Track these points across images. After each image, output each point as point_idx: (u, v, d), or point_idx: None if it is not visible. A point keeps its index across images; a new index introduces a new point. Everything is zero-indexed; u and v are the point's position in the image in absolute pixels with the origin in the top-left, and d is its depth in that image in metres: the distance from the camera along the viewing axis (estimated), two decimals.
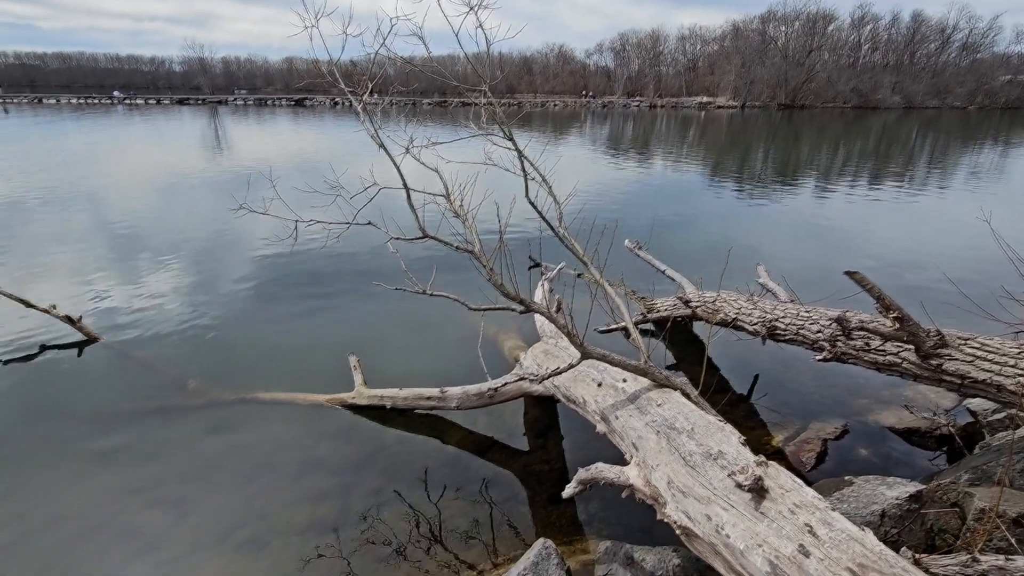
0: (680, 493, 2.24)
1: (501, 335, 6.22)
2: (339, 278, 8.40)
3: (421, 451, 4.53)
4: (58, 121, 41.63)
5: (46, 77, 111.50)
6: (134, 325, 6.61)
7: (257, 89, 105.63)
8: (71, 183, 16.03)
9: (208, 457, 4.41)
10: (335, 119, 49.94)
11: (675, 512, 2.21)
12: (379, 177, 4.06)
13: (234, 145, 28.29)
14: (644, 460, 2.55)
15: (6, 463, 4.26)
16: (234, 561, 3.45)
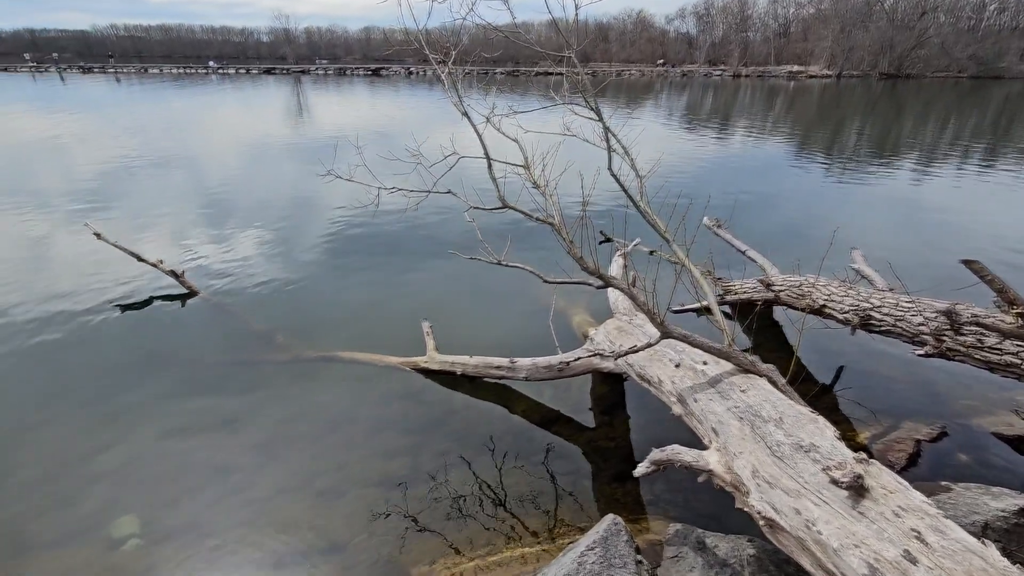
0: (766, 484, 2.15)
1: (569, 309, 6.19)
2: (415, 245, 8.62)
3: (487, 418, 4.63)
4: (161, 90, 44.91)
5: (151, 48, 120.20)
6: (227, 281, 7.12)
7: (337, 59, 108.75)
8: (171, 148, 17.35)
9: (292, 408, 4.72)
10: (409, 88, 50.67)
11: (759, 503, 2.13)
12: (458, 146, 4.08)
13: (315, 114, 29.41)
14: (725, 446, 2.46)
15: (119, 400, 4.75)
16: (315, 507, 3.69)
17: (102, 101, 35.68)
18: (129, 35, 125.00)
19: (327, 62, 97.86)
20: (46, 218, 9.98)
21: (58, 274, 7.39)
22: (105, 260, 7.47)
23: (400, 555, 3.29)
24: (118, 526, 3.46)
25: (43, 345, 5.59)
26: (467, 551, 3.29)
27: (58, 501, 3.66)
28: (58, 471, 3.92)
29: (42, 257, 8.12)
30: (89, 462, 4.02)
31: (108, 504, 3.64)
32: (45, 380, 5.04)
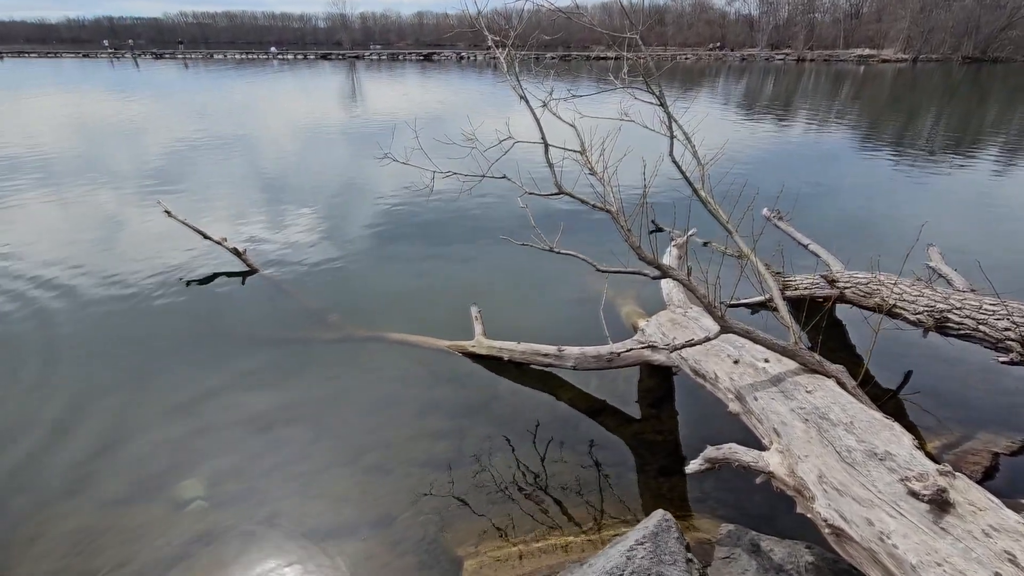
0: (834, 490, 2.04)
1: (618, 299, 6.08)
2: (465, 230, 8.67)
3: (532, 405, 4.62)
4: (224, 75, 46.77)
5: (217, 34, 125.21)
6: (283, 261, 7.38)
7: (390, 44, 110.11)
8: (232, 131, 18.07)
9: (342, 386, 4.86)
10: (460, 73, 50.76)
11: (826, 510, 2.02)
12: (513, 131, 4.04)
13: (368, 98, 29.93)
14: (788, 448, 2.34)
15: (184, 370, 5.02)
16: (362, 482, 3.80)
17: (171, 85, 37.53)
18: (197, 22, 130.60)
19: (380, 47, 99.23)
20: (119, 195, 10.64)
21: (130, 248, 7.86)
22: (173, 236, 7.88)
23: (445, 534, 3.34)
24: (184, 488, 3.66)
25: (115, 314, 5.97)
26: (511, 535, 3.31)
27: (131, 461, 3.91)
28: (130, 433, 4.18)
29: (115, 232, 8.65)
30: (158, 426, 4.27)
31: (175, 467, 3.86)
32: (117, 348, 5.38)
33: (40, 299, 6.24)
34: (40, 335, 5.54)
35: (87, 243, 8.05)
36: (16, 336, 5.53)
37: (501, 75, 3.85)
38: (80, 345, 5.41)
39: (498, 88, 35.21)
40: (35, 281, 6.65)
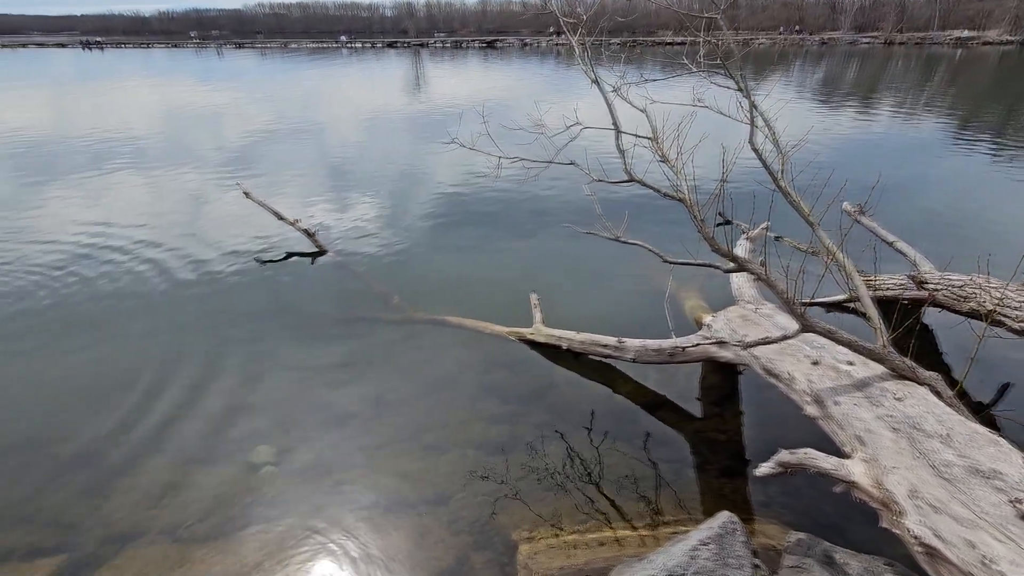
0: (928, 507, 1.88)
1: (681, 292, 5.89)
2: (527, 217, 8.66)
3: (589, 395, 4.57)
4: (297, 63, 48.76)
5: (292, 24, 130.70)
6: (348, 243, 7.64)
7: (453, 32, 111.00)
8: (303, 118, 18.84)
9: (403, 366, 4.99)
10: (522, 60, 50.50)
11: (919, 527, 1.87)
12: (581, 117, 3.96)
13: (431, 86, 30.34)
14: (875, 458, 2.19)
15: (258, 342, 5.30)
16: (421, 459, 3.89)
17: (249, 74, 39.55)
18: (273, 12, 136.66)
19: (444, 35, 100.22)
20: (201, 177, 11.34)
21: (210, 226, 8.38)
22: (249, 216, 8.33)
23: (499, 517, 3.37)
24: (257, 453, 3.89)
25: (197, 287, 6.39)
26: (565, 525, 3.30)
27: (210, 425, 4.18)
28: (210, 398, 4.47)
29: (197, 210, 9.24)
30: (233, 394, 4.54)
31: (249, 433, 4.10)
32: (199, 319, 5.75)
33: (133, 269, 6.76)
34: (133, 302, 6.01)
35: (173, 220, 8.65)
36: (110, 303, 6.02)
37: (564, 62, 3.80)
38: (166, 314, 5.82)
39: (561, 75, 34.79)
40: (128, 253, 7.21)
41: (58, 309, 5.89)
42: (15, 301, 6.01)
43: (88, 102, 24.40)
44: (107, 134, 16.11)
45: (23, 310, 5.85)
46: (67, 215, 8.84)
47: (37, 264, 6.88)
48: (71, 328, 5.53)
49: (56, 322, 5.63)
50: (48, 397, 4.54)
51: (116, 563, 3.07)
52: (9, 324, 5.59)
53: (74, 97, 26.37)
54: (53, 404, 4.44)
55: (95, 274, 6.65)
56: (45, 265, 6.85)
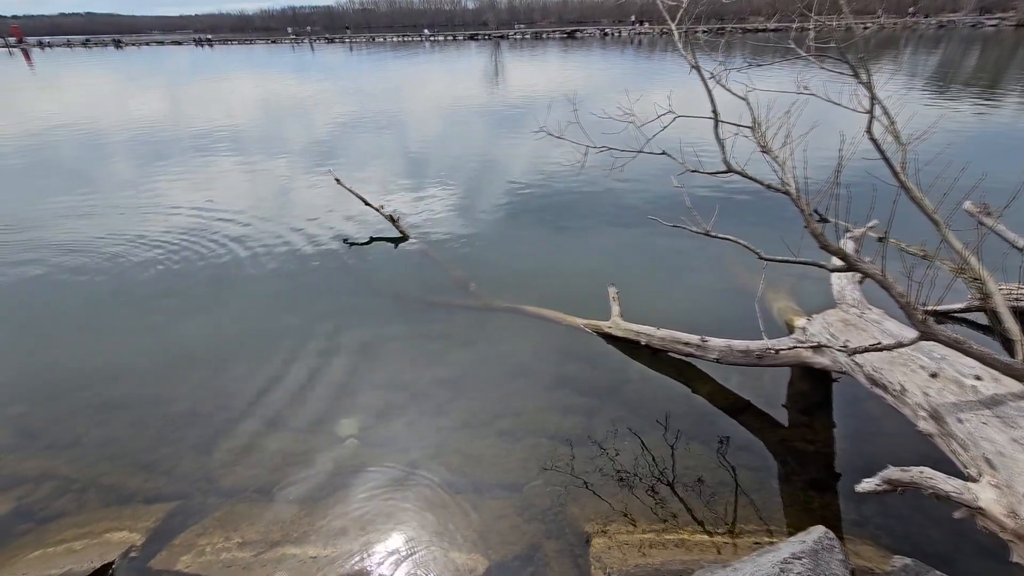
0: None
1: (770, 292, 5.57)
2: (610, 208, 8.53)
3: (666, 394, 4.44)
4: (382, 56, 50.62)
5: (378, 19, 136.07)
6: (428, 229, 7.85)
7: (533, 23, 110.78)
8: (386, 109, 19.55)
9: (479, 352, 5.07)
10: (601, 50, 49.54)
11: None
12: (672, 106, 3.81)
13: (509, 77, 30.48)
14: (1008, 484, 1.96)
15: (344, 320, 5.58)
16: (495, 445, 3.95)
17: (337, 67, 41.57)
18: (362, 8, 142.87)
19: (524, 26, 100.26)
20: (292, 163, 12.11)
21: (300, 209, 8.91)
22: (336, 201, 8.79)
23: (572, 508, 3.36)
24: (342, 426, 4.11)
25: (289, 266, 6.82)
26: (640, 522, 3.23)
27: (300, 395, 4.47)
28: (299, 370, 4.77)
29: (289, 194, 9.86)
30: (321, 367, 4.82)
31: (335, 406, 4.34)
32: (290, 295, 6.15)
33: (233, 248, 7.33)
34: (233, 278, 6.53)
35: (268, 203, 9.29)
36: (215, 278, 6.56)
37: (646, 52, 3.65)
38: (262, 290, 6.27)
39: (642, 65, 33.82)
40: (230, 233, 7.82)
41: (171, 282, 6.50)
42: (137, 273, 6.70)
43: (197, 95, 26.67)
44: (212, 124, 17.56)
45: (142, 282, 6.51)
46: (178, 197, 9.73)
47: (153, 241, 7.63)
48: (182, 300, 6.08)
49: (169, 295, 6.22)
50: (162, 361, 5.02)
51: (217, 515, 3.36)
52: (129, 295, 6.24)
53: (186, 90, 28.91)
54: (166, 367, 4.91)
55: (203, 251, 7.28)
56: (159, 242, 7.58)
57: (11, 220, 8.72)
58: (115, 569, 2.94)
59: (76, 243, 7.61)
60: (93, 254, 7.26)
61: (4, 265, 6.99)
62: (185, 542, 3.15)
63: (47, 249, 7.44)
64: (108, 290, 6.35)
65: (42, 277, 6.69)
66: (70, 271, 6.81)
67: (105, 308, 5.97)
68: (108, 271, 6.80)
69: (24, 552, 3.09)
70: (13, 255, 7.27)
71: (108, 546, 3.05)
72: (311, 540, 3.15)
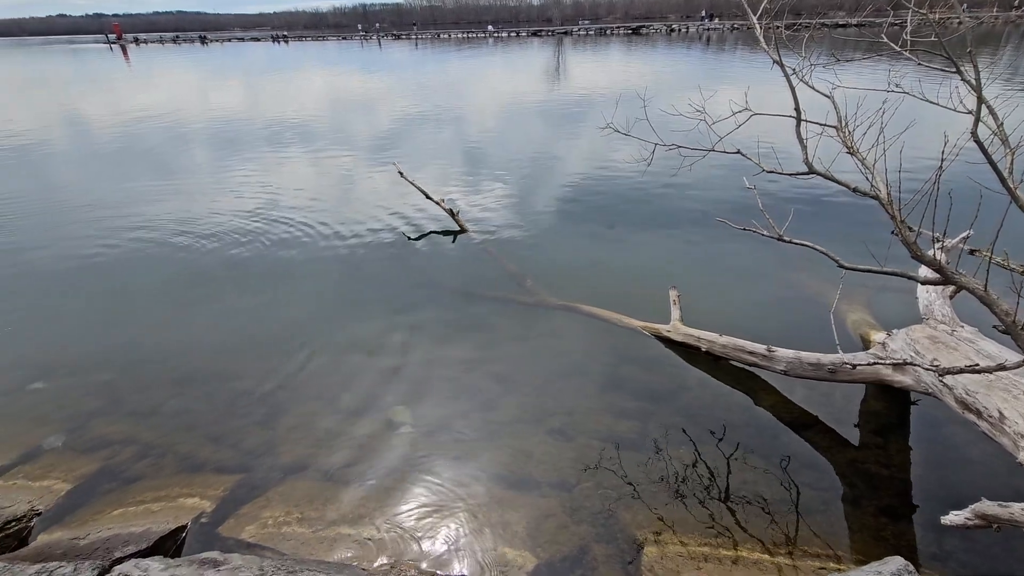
0: None
1: (843, 304, 5.25)
2: (674, 208, 8.33)
3: (725, 403, 4.27)
4: (446, 52, 51.43)
5: (444, 16, 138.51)
6: (485, 224, 7.90)
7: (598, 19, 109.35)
8: (447, 104, 19.85)
9: (532, 348, 5.05)
10: (667, 47, 48.23)
11: None
12: (751, 103, 3.64)
13: (571, 73, 30.21)
14: None
15: (400, 310, 5.70)
16: (545, 442, 3.92)
17: (402, 63, 42.59)
18: (429, 5, 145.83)
19: (588, 22, 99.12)
20: (355, 155, 12.52)
21: (362, 200, 9.19)
22: (397, 193, 9.00)
23: (623, 514, 3.29)
24: (396, 413, 4.21)
25: (351, 254, 7.04)
26: (694, 534, 3.12)
27: (357, 380, 4.60)
28: (356, 357, 4.92)
29: (351, 185, 10.19)
30: (379, 354, 4.95)
31: (390, 393, 4.44)
32: (351, 282, 6.36)
33: (299, 235, 7.65)
34: (298, 264, 6.81)
35: (333, 192, 9.65)
36: (281, 263, 6.87)
37: (714, 48, 3.49)
38: (325, 276, 6.51)
39: (709, 62, 32.69)
40: (296, 221, 8.16)
41: (239, 265, 6.86)
42: (209, 256, 7.12)
43: (271, 88, 28.03)
44: (283, 116, 18.41)
45: (214, 264, 6.91)
46: (249, 185, 10.26)
47: (225, 226, 8.08)
48: (248, 283, 6.41)
49: (237, 277, 6.57)
50: (230, 339, 5.31)
51: (279, 490, 3.52)
52: (201, 275, 6.63)
53: (261, 84, 30.45)
54: (234, 345, 5.19)
55: (270, 237, 7.64)
56: (230, 227, 8.02)
57: (105, 201, 9.49)
58: (188, 532, 3.13)
59: (157, 224, 8.18)
60: (171, 235, 7.78)
61: (98, 243, 7.60)
62: (250, 513, 3.31)
63: (133, 229, 8.03)
64: (183, 270, 6.79)
65: (128, 255, 7.23)
66: (152, 250, 7.33)
67: (180, 287, 6.38)
68: (184, 252, 7.26)
69: (108, 509, 3.35)
70: (105, 234, 7.90)
71: (181, 510, 3.25)
72: (365, 522, 3.24)
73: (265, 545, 3.05)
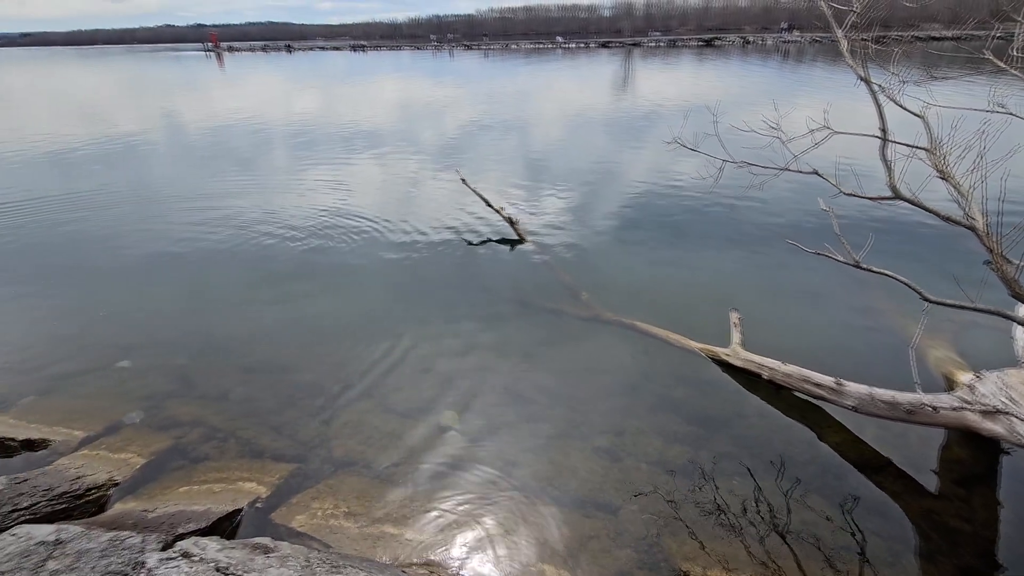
0: None
1: (925, 340, 4.84)
2: (739, 227, 8.01)
3: (786, 436, 4.04)
4: (514, 62, 52.14)
5: (515, 27, 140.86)
6: (543, 234, 7.90)
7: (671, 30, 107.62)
8: (511, 113, 20.10)
9: (584, 363, 4.98)
10: (741, 59, 46.71)
11: None
12: (831, 121, 3.45)
13: (638, 85, 29.83)
14: None
15: (456, 315, 5.77)
16: (591, 461, 3.84)
17: (471, 72, 43.59)
18: (500, 16, 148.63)
19: (659, 33, 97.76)
20: (420, 162, 12.88)
21: (424, 206, 9.42)
22: (459, 199, 9.17)
23: (669, 542, 3.17)
24: (445, 417, 4.25)
25: (411, 257, 7.23)
26: (746, 573, 2.96)
27: (409, 381, 4.70)
28: (412, 357, 5.02)
29: (415, 191, 10.48)
30: (431, 357, 5.03)
31: (440, 397, 4.50)
32: (410, 285, 6.51)
33: (362, 236, 7.94)
34: (361, 264, 7.06)
35: (397, 197, 9.97)
36: (344, 263, 7.15)
37: (792, 61, 3.32)
38: (385, 278, 6.71)
39: (787, 76, 31.39)
40: (360, 223, 8.48)
41: (306, 263, 7.19)
42: (279, 251, 7.52)
43: (348, 95, 29.41)
44: (357, 121, 19.27)
45: (283, 259, 7.28)
46: (320, 185, 10.79)
47: (295, 223, 8.52)
48: (314, 280, 6.70)
49: (303, 274, 6.88)
50: (294, 333, 5.56)
51: (331, 482, 3.63)
52: (271, 270, 7.00)
53: (339, 90, 32.01)
54: (297, 339, 5.43)
55: (335, 237, 7.97)
56: (300, 225, 8.44)
57: (192, 195, 10.27)
58: (243, 515, 3.29)
59: (237, 219, 8.75)
60: (248, 230, 8.29)
61: (183, 234, 8.21)
62: (301, 502, 3.44)
63: (215, 222, 8.63)
64: (256, 263, 7.21)
65: (208, 247, 7.76)
66: (230, 243, 7.83)
67: (253, 279, 6.76)
68: (258, 246, 7.71)
69: (175, 486, 3.58)
70: (190, 226, 8.52)
71: (239, 493, 3.43)
72: (408, 523, 3.28)
73: (312, 536, 3.16)
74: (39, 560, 2.29)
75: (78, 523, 2.73)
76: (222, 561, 2.37)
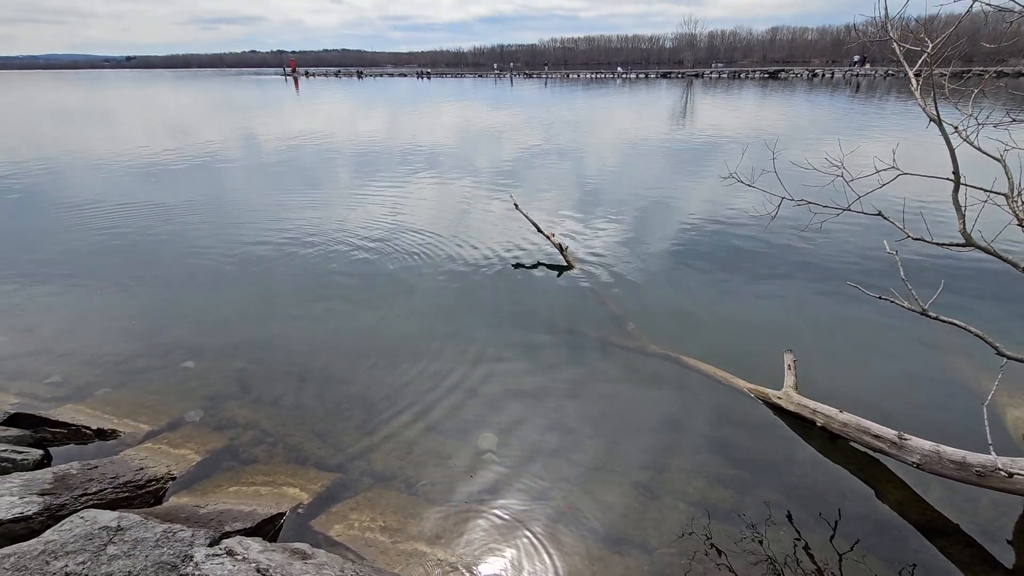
0: None
1: (1002, 397, 4.48)
2: (797, 265, 7.71)
3: (840, 488, 3.81)
4: (573, 91, 52.86)
5: (576, 56, 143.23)
6: (591, 263, 7.88)
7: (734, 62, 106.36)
8: (563, 141, 20.29)
9: (628, 395, 4.90)
10: (806, 92, 45.47)
11: None
12: (900, 161, 3.32)
13: (697, 116, 29.53)
14: None
15: (500, 336, 5.83)
16: (630, 496, 3.75)
17: (530, 99, 44.51)
18: (562, 46, 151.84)
19: (722, 65, 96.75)
20: (475, 185, 13.18)
21: (476, 227, 9.61)
22: (509, 223, 9.31)
23: None
24: (482, 439, 4.27)
25: (459, 278, 7.37)
26: None
27: (450, 401, 4.76)
28: (453, 377, 5.08)
29: (468, 213, 10.70)
30: (473, 378, 5.08)
31: (478, 418, 4.53)
32: (457, 305, 6.62)
33: (413, 256, 8.18)
34: (411, 283, 7.26)
35: (450, 218, 10.22)
36: (394, 280, 7.37)
37: (863, 95, 3.21)
38: (433, 297, 6.86)
39: (854, 111, 30.28)
40: (412, 242, 8.75)
41: (360, 278, 7.47)
42: (335, 266, 7.85)
43: (411, 119, 30.64)
44: (418, 144, 20.01)
45: (338, 273, 7.59)
46: (378, 205, 11.22)
47: (352, 241, 8.88)
48: (366, 296, 6.95)
49: (357, 289, 7.15)
50: (344, 346, 5.76)
51: (369, 495, 3.71)
52: (327, 284, 7.31)
53: (403, 115, 33.42)
54: (347, 352, 5.62)
55: (390, 255, 8.25)
56: (356, 243, 8.79)
57: (262, 208, 10.94)
58: (285, 519, 3.41)
59: (300, 232, 9.24)
60: (310, 243, 8.72)
61: (251, 244, 8.73)
62: (340, 512, 3.53)
63: (280, 236, 9.14)
64: (316, 275, 7.55)
65: (273, 258, 8.22)
66: (293, 255, 8.26)
67: (312, 290, 7.09)
68: (318, 259, 8.10)
69: (226, 485, 3.76)
70: (258, 237, 9.06)
71: (283, 498, 3.56)
72: (441, 543, 3.30)
73: (348, 546, 3.23)
74: (101, 544, 2.46)
75: (137, 512, 2.91)
76: (263, 563, 2.47)
